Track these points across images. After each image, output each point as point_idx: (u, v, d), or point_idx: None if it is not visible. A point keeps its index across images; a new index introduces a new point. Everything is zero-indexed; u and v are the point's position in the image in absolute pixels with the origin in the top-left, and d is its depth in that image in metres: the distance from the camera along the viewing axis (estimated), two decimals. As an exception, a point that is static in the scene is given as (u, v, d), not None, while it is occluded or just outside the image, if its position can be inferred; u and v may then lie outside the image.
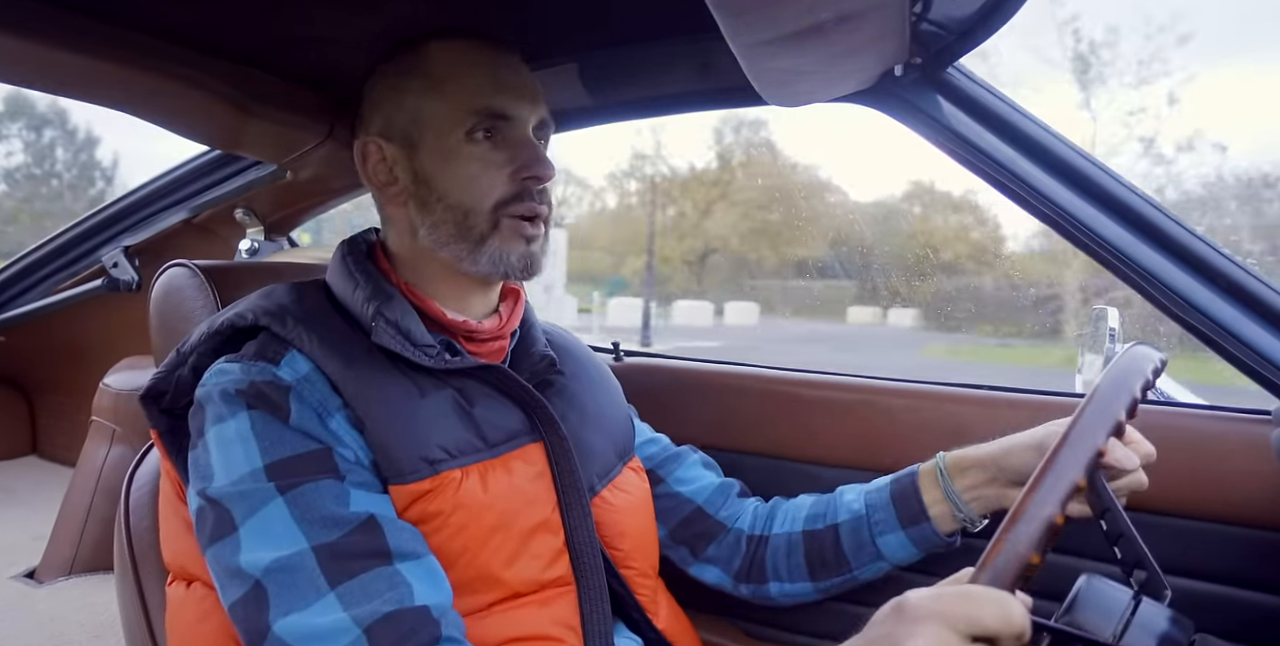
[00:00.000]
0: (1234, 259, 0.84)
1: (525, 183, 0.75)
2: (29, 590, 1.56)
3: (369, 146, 0.78)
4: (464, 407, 0.73)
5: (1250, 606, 0.87)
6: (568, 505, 0.76)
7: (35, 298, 1.91)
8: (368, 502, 0.65)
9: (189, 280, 0.90)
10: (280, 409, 0.66)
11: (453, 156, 0.75)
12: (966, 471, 0.81)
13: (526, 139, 0.77)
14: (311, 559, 0.61)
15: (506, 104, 0.75)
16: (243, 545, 0.62)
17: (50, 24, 0.84)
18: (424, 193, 0.76)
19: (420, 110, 0.76)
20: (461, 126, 0.74)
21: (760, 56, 0.73)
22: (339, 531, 0.62)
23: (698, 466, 0.95)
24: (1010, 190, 0.91)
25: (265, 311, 0.72)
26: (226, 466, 0.64)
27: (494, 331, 0.80)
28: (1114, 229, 0.87)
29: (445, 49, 0.77)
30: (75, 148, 7.28)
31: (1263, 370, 0.82)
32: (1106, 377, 0.59)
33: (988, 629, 0.45)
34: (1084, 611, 0.51)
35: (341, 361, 0.69)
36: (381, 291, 0.75)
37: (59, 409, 2.25)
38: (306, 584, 0.60)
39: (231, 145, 1.26)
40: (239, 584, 0.61)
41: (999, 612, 0.45)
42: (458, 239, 0.75)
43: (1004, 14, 0.78)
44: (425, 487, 0.68)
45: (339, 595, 0.60)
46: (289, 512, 0.62)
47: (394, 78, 0.78)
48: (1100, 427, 0.55)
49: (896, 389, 1.11)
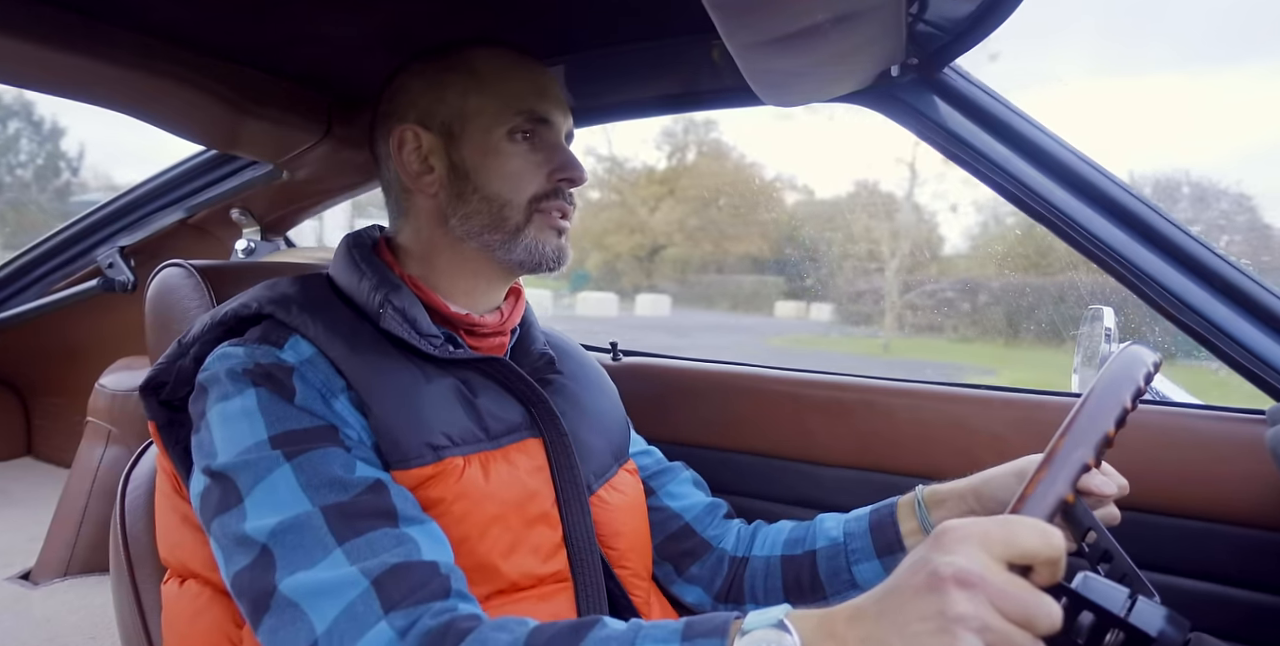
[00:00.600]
0: (1229, 259, 0.84)
1: (559, 183, 0.78)
2: (24, 592, 1.56)
3: (406, 133, 0.79)
4: (467, 397, 0.74)
5: (1245, 605, 0.88)
6: (566, 500, 0.76)
7: (30, 298, 1.90)
8: (372, 471, 0.65)
9: (185, 280, 0.90)
10: (285, 388, 0.66)
11: (494, 152, 0.77)
12: (944, 503, 0.81)
13: (561, 143, 0.80)
14: (319, 518, 0.60)
15: (549, 109, 0.79)
16: (248, 513, 0.61)
17: (46, 24, 0.84)
18: (461, 183, 0.78)
19: (465, 105, 0.77)
20: (505, 124, 0.77)
21: (757, 57, 0.73)
22: (346, 494, 0.62)
23: (688, 484, 0.96)
24: (1006, 190, 0.92)
25: (269, 300, 0.72)
26: (231, 440, 0.64)
27: (495, 326, 0.81)
28: (1109, 229, 0.87)
29: (486, 52, 0.80)
30: (40, 138, 7.21)
31: (1258, 370, 0.83)
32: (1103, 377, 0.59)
33: (1025, 551, 0.44)
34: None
35: (345, 346, 0.70)
36: (388, 281, 0.76)
37: (54, 410, 2.24)
38: (313, 542, 0.59)
39: (228, 145, 1.26)
40: (245, 552, 0.60)
41: (1037, 535, 0.45)
42: (492, 229, 0.77)
43: (1000, 15, 0.78)
44: (428, 473, 0.68)
45: (345, 551, 0.59)
46: (295, 478, 0.62)
47: (433, 74, 0.79)
48: (1104, 419, 0.55)
49: (894, 389, 1.11)
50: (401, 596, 0.57)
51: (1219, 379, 0.93)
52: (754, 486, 1.15)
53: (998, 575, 0.43)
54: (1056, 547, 0.45)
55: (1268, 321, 0.82)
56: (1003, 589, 0.43)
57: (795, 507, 1.15)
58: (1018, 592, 0.43)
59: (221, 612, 0.71)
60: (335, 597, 0.57)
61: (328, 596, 0.57)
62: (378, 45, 0.98)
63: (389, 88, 0.82)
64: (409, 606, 0.57)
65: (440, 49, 0.81)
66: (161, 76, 0.97)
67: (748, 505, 1.18)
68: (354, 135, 1.24)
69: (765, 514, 1.16)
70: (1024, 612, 0.43)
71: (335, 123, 1.22)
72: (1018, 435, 0.99)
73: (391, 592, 0.57)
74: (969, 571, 0.43)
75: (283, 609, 0.58)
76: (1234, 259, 0.85)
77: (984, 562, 0.44)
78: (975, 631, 0.42)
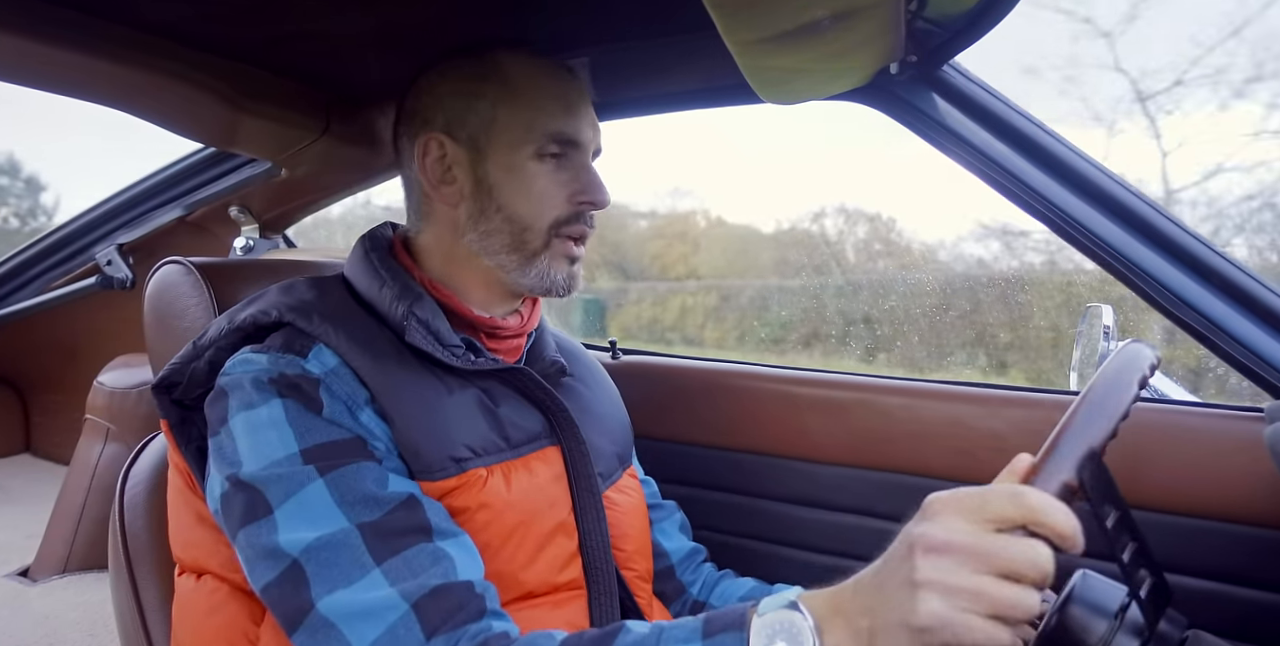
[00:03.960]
0: (1229, 256, 0.84)
1: (582, 206, 0.77)
2: (23, 588, 1.56)
3: (431, 142, 0.78)
4: (489, 407, 0.74)
5: (1243, 602, 0.88)
6: (583, 509, 0.77)
7: (28, 295, 1.90)
8: (404, 485, 0.65)
9: (183, 278, 0.90)
10: (313, 400, 0.65)
11: (519, 171, 0.76)
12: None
13: (588, 165, 0.79)
14: (356, 536, 0.60)
15: (578, 130, 0.78)
16: (280, 526, 0.61)
17: (45, 20, 0.84)
18: (483, 200, 0.77)
19: (495, 119, 0.76)
20: (533, 144, 0.76)
21: (756, 54, 0.73)
22: (381, 510, 0.62)
23: (677, 526, 0.96)
24: (1005, 188, 0.92)
25: (289, 308, 0.71)
26: (259, 450, 0.63)
27: (517, 329, 0.81)
28: (1109, 226, 0.87)
29: (521, 60, 0.78)
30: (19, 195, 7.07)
31: (1257, 368, 0.83)
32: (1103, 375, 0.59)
33: (999, 513, 0.45)
34: (1078, 607, 0.51)
35: (369, 357, 0.69)
36: (410, 290, 0.75)
37: (53, 407, 2.24)
38: (350, 561, 0.59)
39: (226, 142, 1.25)
40: (274, 564, 0.60)
41: (1010, 498, 0.45)
42: (510, 251, 0.77)
43: (999, 11, 0.78)
44: (451, 485, 0.68)
45: (384, 571, 0.59)
46: (329, 494, 0.61)
47: (465, 79, 0.78)
48: (1101, 422, 0.55)
49: (892, 387, 1.11)
50: (441, 620, 0.58)
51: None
52: (751, 484, 1.15)
53: (969, 536, 0.44)
54: (1032, 507, 0.44)
55: (1266, 318, 0.82)
56: (973, 548, 0.44)
57: (793, 506, 1.15)
58: (992, 549, 0.44)
59: (239, 610, 0.70)
60: (376, 620, 0.57)
61: (368, 619, 0.57)
62: (377, 42, 0.98)
63: (416, 85, 0.81)
64: (448, 631, 0.58)
65: (472, 50, 0.79)
66: (160, 73, 0.97)
67: (744, 503, 1.18)
68: (353, 132, 1.24)
69: (765, 512, 1.16)
70: (1003, 566, 0.43)
71: (334, 120, 1.21)
72: (1015, 433, 0.99)
73: (431, 616, 0.58)
74: (933, 537, 0.45)
75: (318, 628, 0.58)
76: (1232, 255, 0.85)
77: (957, 528, 0.45)
78: (939, 593, 0.43)
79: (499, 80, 0.77)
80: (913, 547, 0.45)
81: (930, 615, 0.43)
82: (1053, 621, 0.51)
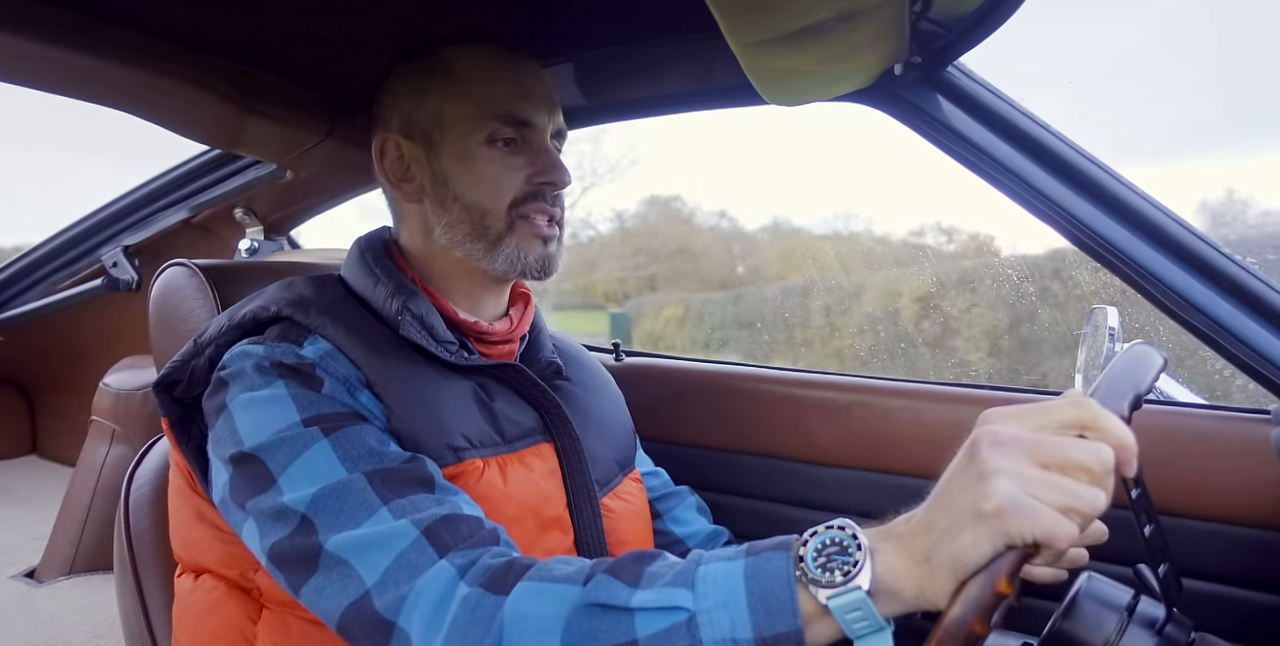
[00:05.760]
0: (1234, 257, 0.84)
1: (541, 187, 0.77)
2: (29, 590, 1.56)
3: (388, 142, 0.79)
4: (484, 400, 0.74)
5: (1249, 605, 0.88)
6: (578, 505, 0.77)
7: (35, 297, 1.91)
8: (405, 452, 0.65)
9: (188, 279, 0.90)
10: (312, 380, 0.66)
11: (471, 158, 0.76)
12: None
13: (545, 146, 0.79)
14: (362, 480, 0.59)
15: (529, 111, 0.77)
16: (284, 487, 0.60)
17: (52, 22, 0.84)
18: (441, 192, 0.77)
19: (443, 111, 0.77)
20: (483, 130, 0.76)
21: (760, 56, 0.73)
22: (386, 462, 0.61)
23: (693, 510, 0.95)
24: (1010, 189, 0.91)
25: (287, 302, 0.72)
26: (261, 425, 0.63)
27: (505, 334, 0.81)
28: (1114, 228, 0.87)
29: (466, 52, 0.78)
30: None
31: (1263, 369, 0.82)
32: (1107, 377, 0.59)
33: (1060, 416, 0.45)
34: (1084, 610, 0.51)
35: (364, 348, 0.70)
36: (404, 288, 0.76)
37: (59, 408, 2.25)
38: (357, 504, 0.58)
39: (231, 144, 1.26)
40: (284, 523, 0.59)
41: (1071, 404, 0.45)
42: (474, 238, 0.77)
43: (1004, 12, 0.78)
44: (450, 473, 0.68)
45: (391, 509, 0.58)
46: (333, 452, 0.61)
47: (414, 77, 0.79)
48: (1142, 371, 0.54)
49: (893, 388, 1.11)
50: (455, 542, 0.57)
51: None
52: (754, 486, 1.14)
53: (1035, 431, 0.44)
54: (1095, 412, 0.45)
55: (1273, 320, 0.81)
56: (1036, 440, 0.44)
57: (795, 507, 1.15)
58: (1055, 442, 0.44)
59: (236, 608, 0.71)
60: (385, 548, 0.56)
61: (377, 548, 0.56)
62: (382, 45, 0.98)
63: (378, 89, 0.82)
64: (465, 548, 0.56)
65: (421, 48, 0.80)
66: (166, 75, 0.97)
67: (748, 505, 1.18)
68: (357, 135, 1.24)
69: (765, 513, 1.16)
70: (1070, 459, 0.43)
71: (339, 122, 1.22)
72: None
73: (445, 539, 0.57)
74: (999, 432, 0.45)
75: (329, 567, 0.57)
76: (1239, 257, 0.84)
77: (1021, 425, 0.45)
78: (1010, 478, 0.43)
79: (444, 73, 0.77)
80: (977, 444, 0.45)
81: (1003, 496, 0.42)
82: (1059, 623, 0.51)
